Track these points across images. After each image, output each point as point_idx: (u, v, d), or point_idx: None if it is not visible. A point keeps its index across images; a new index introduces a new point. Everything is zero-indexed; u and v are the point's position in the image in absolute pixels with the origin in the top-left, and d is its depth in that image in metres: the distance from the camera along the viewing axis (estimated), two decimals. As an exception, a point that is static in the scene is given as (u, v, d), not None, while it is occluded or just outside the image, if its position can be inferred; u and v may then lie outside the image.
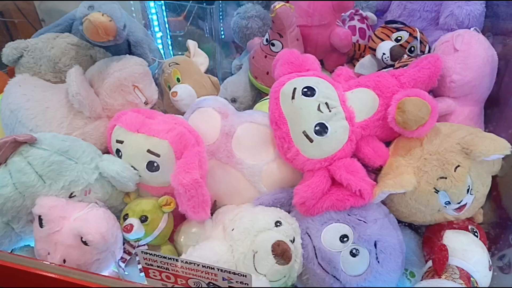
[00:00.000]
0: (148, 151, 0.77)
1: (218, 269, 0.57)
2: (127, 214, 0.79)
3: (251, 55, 1.13)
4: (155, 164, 0.78)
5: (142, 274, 0.78)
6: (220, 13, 1.97)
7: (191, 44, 1.06)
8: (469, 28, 0.93)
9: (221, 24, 1.60)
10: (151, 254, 0.59)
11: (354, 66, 1.14)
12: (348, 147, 0.78)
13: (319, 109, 0.78)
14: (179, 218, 0.86)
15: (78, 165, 0.74)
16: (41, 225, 0.70)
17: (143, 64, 0.90)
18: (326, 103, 0.78)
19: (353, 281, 0.73)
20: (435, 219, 0.79)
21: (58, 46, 0.89)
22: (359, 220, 0.75)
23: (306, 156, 0.77)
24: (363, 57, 1.13)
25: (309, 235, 0.77)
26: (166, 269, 0.60)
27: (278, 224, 0.74)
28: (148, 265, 0.61)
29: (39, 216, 0.70)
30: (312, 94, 0.79)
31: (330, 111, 0.78)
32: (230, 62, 1.36)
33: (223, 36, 1.46)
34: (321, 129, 0.77)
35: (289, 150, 0.79)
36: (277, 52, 1.05)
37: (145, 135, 0.78)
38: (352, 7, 1.05)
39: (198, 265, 0.58)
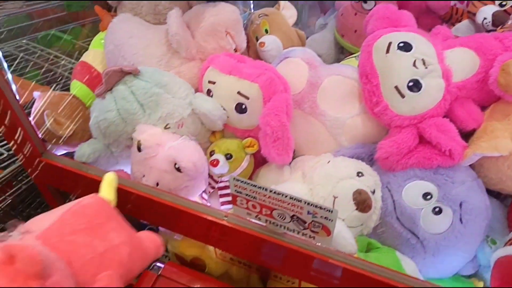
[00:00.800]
0: (238, 93, 0.80)
1: (305, 202, 0.59)
2: (213, 151, 0.83)
3: (339, 12, 1.11)
4: (243, 106, 0.81)
5: (223, 207, 0.84)
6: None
7: (281, -4, 1.07)
8: None
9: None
10: (242, 181, 0.62)
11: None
12: (441, 107, 0.76)
13: (414, 65, 0.76)
14: (258, 163, 0.89)
15: (174, 99, 0.79)
16: (139, 150, 0.76)
17: (236, 12, 0.92)
18: (423, 60, 0.76)
19: (431, 239, 0.72)
20: (527, 189, 0.75)
21: (159, -11, 0.93)
22: (445, 179, 0.73)
23: (395, 111, 0.76)
24: (459, 21, 1.07)
25: (389, 190, 0.77)
26: (253, 198, 0.63)
27: (360, 174, 0.75)
28: (237, 192, 0.64)
29: (138, 141, 0.76)
30: (408, 49, 0.77)
31: (426, 67, 0.75)
32: (314, 20, 1.35)
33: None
34: (415, 85, 0.75)
35: (378, 105, 0.78)
36: (369, 9, 1.03)
37: (236, 77, 0.80)
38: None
39: (286, 196, 0.60)
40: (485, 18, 0.97)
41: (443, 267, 0.75)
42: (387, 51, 0.78)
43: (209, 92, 0.85)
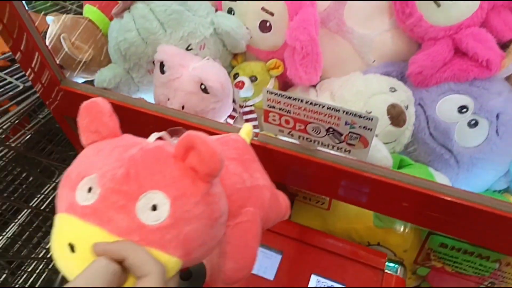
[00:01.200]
0: (262, 9, 0.75)
1: (343, 111, 0.57)
2: (237, 73, 0.80)
3: None
4: (268, 24, 0.77)
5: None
6: None
7: None
8: None
9: None
10: (277, 93, 0.60)
11: None
12: (478, 15, 0.71)
13: (450, -31, 0.71)
14: (283, 88, 0.87)
15: (195, 17, 0.75)
16: (162, 71, 0.73)
17: None
18: (459, -35, 0.71)
19: (466, 153, 0.71)
20: None
21: None
22: (482, 91, 0.71)
23: (430, 22, 0.72)
24: None
25: (422, 106, 0.74)
26: (287, 112, 0.62)
27: (393, 89, 0.72)
28: (270, 107, 0.62)
29: (161, 62, 0.73)
30: (443, -47, 0.72)
31: (463, -28, 0.71)
32: None
33: None
34: (451, -7, 0.70)
35: (411, 16, 0.73)
36: None
37: (257, -2, 0.76)
38: None
39: (323, 107, 0.58)
40: None
41: (476, 182, 0.75)
42: (421, -44, 0.73)
43: (230, 11, 0.80)
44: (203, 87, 0.71)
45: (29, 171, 1.04)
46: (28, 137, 0.97)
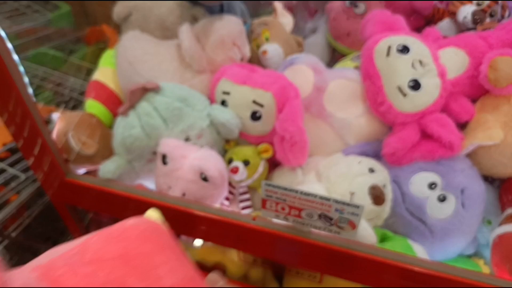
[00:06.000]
0: (254, 101, 0.85)
1: (333, 201, 0.66)
2: (231, 158, 0.88)
3: (331, 17, 1.17)
4: (258, 114, 0.86)
5: (244, 211, 0.89)
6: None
7: (278, 5, 1.12)
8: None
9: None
10: (274, 186, 0.68)
11: (431, 29, 1.17)
12: (439, 102, 0.84)
13: (413, 66, 0.83)
14: (271, 167, 0.95)
15: (194, 112, 0.84)
16: (164, 163, 0.81)
17: (241, 23, 0.97)
18: (420, 61, 0.84)
19: (438, 224, 0.80)
20: (516, 172, 0.85)
21: (166, 5, 0.97)
22: (447, 169, 0.81)
23: (399, 110, 0.84)
24: (441, 20, 1.16)
25: (397, 183, 0.84)
26: (283, 200, 0.70)
27: (372, 170, 0.82)
28: (268, 196, 0.70)
29: (163, 155, 0.80)
30: (407, 52, 0.84)
31: (423, 68, 0.83)
32: (303, 24, 1.41)
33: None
34: (415, 84, 0.82)
35: (382, 104, 0.85)
36: (360, 14, 1.10)
37: (250, 87, 0.86)
38: (438, -31, 1.07)
39: (315, 196, 0.66)
40: (465, 17, 1.06)
41: (448, 249, 0.84)
42: (388, 54, 0.85)
43: (223, 103, 0.90)
44: (203, 176, 0.79)
45: (24, 256, 1.06)
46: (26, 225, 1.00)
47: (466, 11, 1.06)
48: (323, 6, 1.27)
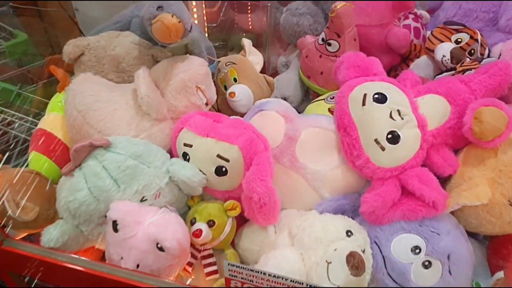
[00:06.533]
0: (218, 156, 0.76)
1: (307, 285, 0.57)
2: (194, 218, 0.79)
3: (303, 54, 1.11)
4: (224, 169, 0.77)
5: (209, 278, 0.79)
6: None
7: (247, 42, 1.05)
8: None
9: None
10: (238, 266, 0.59)
11: (408, 66, 1.12)
12: (420, 156, 0.77)
13: (391, 116, 0.77)
14: (239, 221, 0.86)
15: (150, 169, 0.74)
16: (115, 230, 0.70)
17: (205, 64, 0.89)
18: (398, 110, 0.77)
19: (423, 292, 0.73)
20: (504, 230, 0.78)
21: (121, 45, 0.88)
22: (432, 231, 0.74)
23: (377, 164, 0.76)
24: (418, 57, 1.11)
25: (377, 245, 0.76)
26: (250, 281, 0.61)
27: (350, 233, 0.74)
28: (232, 276, 0.61)
29: (114, 221, 0.70)
30: (384, 101, 0.78)
31: (402, 118, 0.77)
32: (275, 58, 1.34)
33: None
34: (394, 137, 0.75)
35: (359, 158, 0.78)
36: (333, 52, 1.04)
37: (214, 139, 0.77)
38: (414, 7, 1.02)
39: (286, 279, 0.58)
40: (444, 56, 1.01)
41: (435, 317, 0.76)
42: (363, 103, 0.78)
43: (185, 156, 0.80)
44: (159, 246, 0.69)
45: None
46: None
47: (444, 50, 1.01)
48: (296, 40, 1.20)
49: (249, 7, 1.98)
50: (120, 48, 0.87)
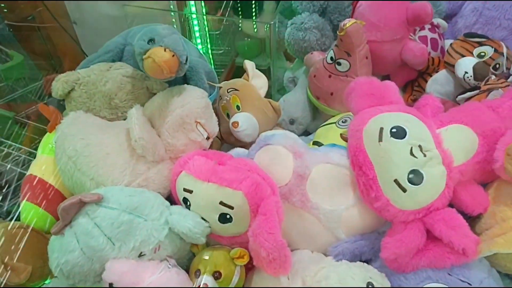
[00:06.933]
0: (221, 203, 0.70)
1: None
2: (199, 270, 0.72)
3: (311, 74, 1.03)
4: (228, 216, 0.71)
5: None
6: (254, 9, 1.86)
7: (249, 65, 0.97)
8: None
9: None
10: None
11: (426, 81, 1.04)
12: (446, 196, 0.69)
13: (412, 153, 0.69)
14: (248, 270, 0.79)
15: (147, 223, 0.68)
16: (112, 292, 0.64)
17: (204, 96, 0.82)
18: (420, 146, 0.69)
19: None
20: (543, 271, 0.70)
21: (113, 79, 0.81)
22: (462, 281, 0.66)
23: (398, 207, 0.69)
24: (436, 71, 1.02)
25: (401, 295, 0.69)
26: None
27: (370, 286, 0.66)
28: None
29: (110, 284, 0.64)
30: (403, 136, 0.70)
31: (424, 155, 0.69)
32: (281, 72, 1.27)
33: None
34: (416, 177, 0.68)
35: (377, 200, 0.70)
36: (344, 72, 0.95)
37: (217, 185, 0.70)
38: (430, 21, 0.93)
39: None
40: (466, 72, 0.92)
41: None
42: (380, 139, 0.71)
43: (185, 201, 0.74)
44: (161, 310, 0.62)
45: None
46: None
47: (466, 66, 0.92)
48: (302, 55, 1.12)
49: (253, 11, 1.90)
50: (111, 83, 0.80)
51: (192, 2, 1.42)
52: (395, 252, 0.68)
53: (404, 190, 0.68)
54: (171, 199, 0.80)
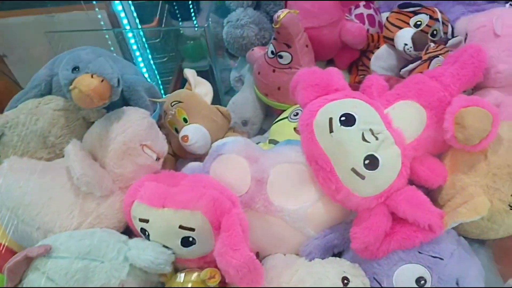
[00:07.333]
0: (181, 227, 0.66)
1: None
2: (171, 299, 0.69)
3: (255, 71, 1.00)
4: (191, 239, 0.67)
5: None
6: (192, 9, 1.82)
7: (189, 74, 0.93)
8: (505, 4, 0.81)
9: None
10: None
11: (369, 59, 1.03)
12: (403, 175, 0.68)
13: (364, 139, 0.67)
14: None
15: (105, 264, 0.63)
16: None
17: (145, 116, 0.77)
18: (371, 130, 0.68)
19: (437, 328, 0.66)
20: (509, 233, 0.71)
21: (43, 116, 0.75)
22: (433, 257, 0.66)
23: (359, 195, 0.68)
24: (377, 47, 1.02)
25: (378, 282, 0.68)
26: None
27: (346, 281, 0.65)
28: None
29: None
30: (352, 122, 0.68)
31: (376, 138, 0.67)
32: (227, 73, 1.23)
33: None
34: (372, 162, 0.66)
35: (339, 192, 0.68)
36: (287, 64, 0.93)
37: (172, 209, 0.66)
38: (363, -2, 0.92)
39: None
40: (405, 44, 0.92)
41: None
42: (331, 129, 0.69)
43: (144, 232, 0.70)
44: None
45: None
46: None
47: (405, 37, 0.92)
48: (243, 53, 1.10)
49: (192, 13, 1.85)
50: (43, 120, 0.75)
51: (123, 15, 1.35)
52: (364, 241, 0.67)
53: (362, 178, 0.67)
54: (130, 230, 0.76)
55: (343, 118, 0.69)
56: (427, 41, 0.91)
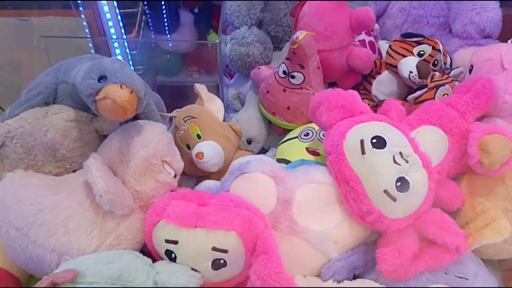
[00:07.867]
0: (214, 248, 0.63)
1: None
2: (198, 327, 0.64)
3: (263, 89, 0.99)
4: (222, 261, 0.64)
5: None
6: (166, 21, 1.78)
7: (201, 88, 0.90)
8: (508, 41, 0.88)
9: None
10: None
11: (370, 84, 1.06)
12: (430, 198, 0.71)
13: (395, 161, 0.69)
14: None
15: (135, 289, 0.58)
16: None
17: (165, 131, 0.73)
18: (400, 153, 0.70)
19: None
20: (520, 253, 0.76)
21: (54, 127, 0.68)
22: (459, 277, 0.68)
23: (391, 217, 0.68)
24: (378, 73, 1.05)
25: (405, 303, 0.69)
26: None
27: (379, 303, 0.65)
28: None
29: None
30: (384, 145, 0.70)
31: (406, 161, 0.69)
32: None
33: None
34: (403, 184, 0.68)
35: (371, 213, 0.69)
36: (298, 84, 0.94)
37: (205, 229, 0.63)
38: (374, 26, 0.95)
39: None
40: (411, 72, 0.96)
41: None
42: (363, 151, 0.70)
43: (169, 254, 0.65)
44: None
45: None
46: None
47: (410, 66, 0.96)
48: (247, 71, 1.09)
49: (166, 27, 1.81)
50: (53, 132, 0.68)
51: (111, 23, 1.29)
52: (394, 263, 0.67)
53: (394, 200, 0.68)
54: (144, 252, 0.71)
55: (374, 141, 0.70)
56: (430, 70, 0.96)
